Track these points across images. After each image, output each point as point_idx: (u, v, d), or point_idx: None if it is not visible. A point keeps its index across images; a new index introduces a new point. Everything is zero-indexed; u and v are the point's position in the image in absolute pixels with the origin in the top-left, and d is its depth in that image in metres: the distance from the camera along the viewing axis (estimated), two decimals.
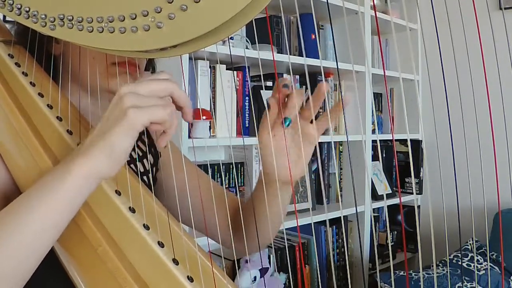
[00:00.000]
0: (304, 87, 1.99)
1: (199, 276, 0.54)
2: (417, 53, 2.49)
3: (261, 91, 1.80)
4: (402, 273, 1.80)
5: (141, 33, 0.49)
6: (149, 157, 0.82)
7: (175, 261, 0.54)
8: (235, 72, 1.76)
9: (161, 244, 0.55)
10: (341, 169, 2.21)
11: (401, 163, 2.50)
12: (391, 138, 2.43)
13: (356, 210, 2.27)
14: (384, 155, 2.47)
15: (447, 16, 0.56)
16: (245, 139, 1.73)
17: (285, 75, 1.97)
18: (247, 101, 1.79)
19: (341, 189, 2.22)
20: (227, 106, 1.71)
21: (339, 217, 2.06)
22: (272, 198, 0.73)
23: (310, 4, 0.64)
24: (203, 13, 0.47)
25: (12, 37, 0.72)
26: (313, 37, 1.97)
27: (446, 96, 0.57)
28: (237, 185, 1.79)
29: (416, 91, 2.55)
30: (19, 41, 0.71)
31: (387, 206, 2.44)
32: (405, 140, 2.40)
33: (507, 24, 2.07)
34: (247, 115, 1.79)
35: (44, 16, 0.53)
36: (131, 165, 0.71)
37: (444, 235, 0.56)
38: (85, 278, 0.53)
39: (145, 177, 0.77)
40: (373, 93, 2.46)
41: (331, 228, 2.12)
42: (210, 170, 1.71)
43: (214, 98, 1.67)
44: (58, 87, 0.68)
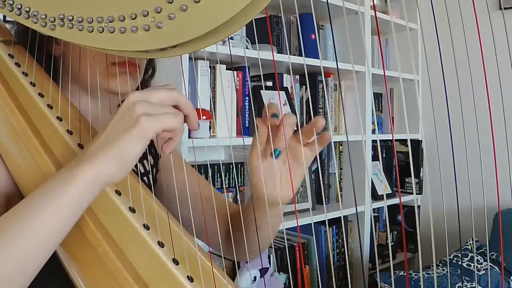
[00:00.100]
0: (304, 87, 1.99)
1: (199, 276, 0.54)
2: (417, 53, 2.49)
3: (261, 91, 1.80)
4: (402, 273, 1.80)
5: (141, 33, 0.49)
6: (149, 158, 0.82)
7: (175, 261, 0.54)
8: (235, 72, 1.76)
9: (161, 244, 0.55)
10: (341, 169, 2.21)
11: (401, 163, 2.50)
12: (391, 138, 2.43)
13: (356, 210, 2.27)
14: (384, 155, 2.47)
15: (447, 16, 0.56)
16: (245, 139, 1.73)
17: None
18: (247, 101, 1.79)
19: (341, 189, 2.22)
20: (227, 106, 1.71)
21: (339, 217, 2.06)
22: (260, 217, 0.73)
23: (310, 4, 0.64)
24: (203, 13, 0.47)
25: (12, 37, 0.72)
26: (313, 37, 1.97)
27: (446, 96, 0.57)
28: (237, 185, 1.79)
29: (416, 91, 2.55)
30: (19, 41, 0.71)
31: (387, 206, 2.44)
32: (405, 140, 2.40)
33: (507, 24, 2.07)
34: (247, 115, 1.79)
35: (44, 16, 0.53)
36: None
37: (444, 235, 0.56)
38: (85, 278, 0.53)
39: (145, 178, 0.77)
40: (373, 93, 2.46)
41: (331, 228, 2.12)
42: (210, 170, 1.71)
43: (214, 98, 1.67)
44: (58, 87, 0.68)
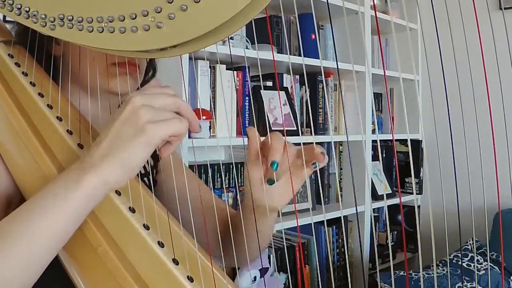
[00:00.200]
0: (304, 87, 1.99)
1: (199, 276, 0.54)
2: (417, 53, 2.49)
3: (261, 91, 1.80)
4: (402, 273, 1.80)
5: (141, 33, 0.49)
6: (149, 159, 0.82)
7: (175, 261, 0.54)
8: (235, 72, 1.76)
9: (161, 244, 0.55)
10: (341, 169, 2.21)
11: (401, 163, 2.50)
12: (391, 138, 2.43)
13: (356, 210, 2.27)
14: (384, 155, 2.47)
15: (447, 16, 0.56)
16: (245, 139, 1.73)
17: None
18: (247, 101, 1.79)
19: (341, 189, 2.22)
20: (227, 106, 1.71)
21: (339, 217, 2.06)
22: (256, 221, 0.72)
23: (310, 4, 0.64)
24: (203, 13, 0.47)
25: (12, 37, 0.72)
26: (313, 37, 1.97)
27: (446, 96, 0.57)
28: (237, 185, 1.79)
29: (416, 91, 2.55)
30: (19, 41, 0.71)
31: (387, 206, 2.44)
32: (405, 140, 2.40)
33: (507, 24, 2.07)
34: (247, 115, 1.79)
35: (44, 16, 0.53)
36: None
37: (444, 235, 0.56)
38: (85, 278, 0.53)
39: (145, 179, 0.76)
40: (373, 93, 2.46)
41: (331, 228, 2.12)
42: (210, 170, 1.71)
43: (214, 98, 1.67)
44: (58, 87, 0.68)
